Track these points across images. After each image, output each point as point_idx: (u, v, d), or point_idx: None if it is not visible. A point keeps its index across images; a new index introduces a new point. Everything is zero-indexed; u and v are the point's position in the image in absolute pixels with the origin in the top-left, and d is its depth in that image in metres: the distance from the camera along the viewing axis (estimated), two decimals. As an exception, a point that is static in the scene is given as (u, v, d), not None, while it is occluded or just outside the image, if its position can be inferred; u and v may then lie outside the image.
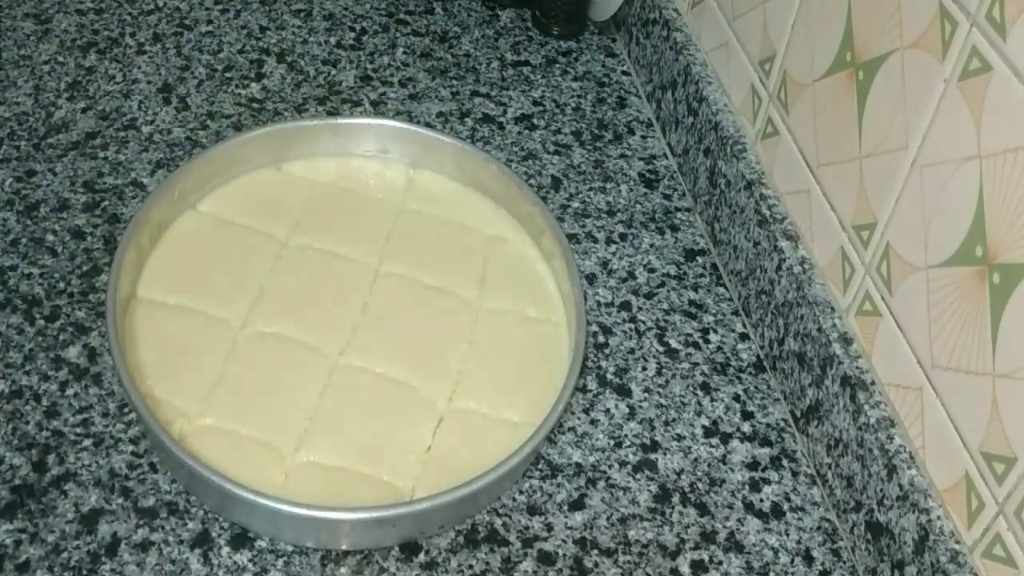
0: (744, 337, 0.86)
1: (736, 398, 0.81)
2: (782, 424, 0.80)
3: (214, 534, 0.68)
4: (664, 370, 0.82)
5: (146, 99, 0.96)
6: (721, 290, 0.89)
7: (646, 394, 0.80)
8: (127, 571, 0.65)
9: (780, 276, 0.81)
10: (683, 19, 1.02)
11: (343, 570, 0.67)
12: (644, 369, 0.82)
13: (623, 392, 0.80)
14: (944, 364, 0.65)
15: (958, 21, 0.62)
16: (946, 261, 0.64)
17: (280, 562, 0.67)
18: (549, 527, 0.71)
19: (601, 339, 0.83)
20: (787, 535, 0.73)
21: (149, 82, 0.98)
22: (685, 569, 0.70)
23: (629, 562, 0.70)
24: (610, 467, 0.75)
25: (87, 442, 0.71)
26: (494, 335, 0.80)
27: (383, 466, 0.71)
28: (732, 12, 0.92)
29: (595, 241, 0.91)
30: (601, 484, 0.74)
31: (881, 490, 0.69)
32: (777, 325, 0.82)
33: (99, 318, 0.77)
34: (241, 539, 0.68)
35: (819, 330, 0.76)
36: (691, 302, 0.88)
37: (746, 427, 0.79)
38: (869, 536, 0.70)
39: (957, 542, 0.64)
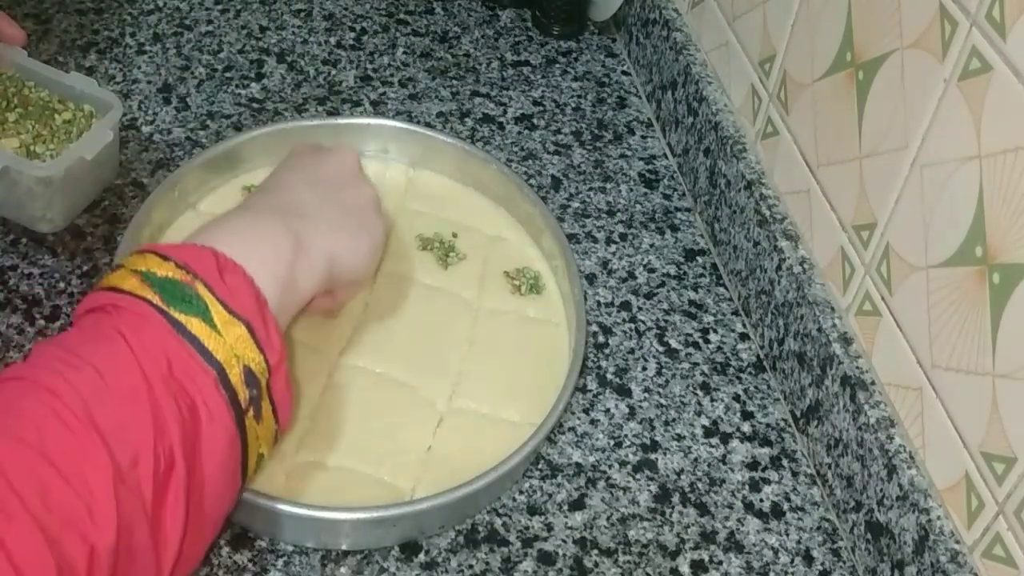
0: (744, 337, 0.86)
1: (736, 398, 0.81)
2: (782, 424, 0.80)
3: (214, 534, 0.68)
4: (664, 370, 0.82)
5: (146, 99, 0.96)
6: (721, 290, 0.89)
7: (646, 394, 0.80)
8: (127, 571, 0.65)
9: (780, 276, 0.81)
10: (683, 19, 1.02)
11: (343, 570, 0.67)
12: (644, 369, 0.82)
13: (623, 392, 0.80)
14: (944, 364, 0.65)
15: (958, 21, 0.62)
16: (946, 261, 0.64)
17: (280, 562, 0.67)
18: (549, 527, 0.71)
19: (601, 339, 0.83)
20: (787, 535, 0.73)
21: (149, 82, 0.98)
22: (685, 569, 0.70)
23: (629, 562, 0.70)
24: (610, 467, 0.75)
25: (87, 442, 0.71)
26: (494, 335, 0.80)
27: (383, 466, 0.71)
28: (732, 12, 0.92)
29: (595, 241, 0.91)
30: (601, 484, 0.74)
31: (881, 490, 0.69)
32: (777, 325, 0.82)
33: (99, 318, 0.77)
34: (241, 539, 0.68)
35: (819, 330, 0.76)
36: (691, 302, 0.88)
37: (746, 427, 0.79)
38: (869, 536, 0.70)
39: (957, 542, 0.64)
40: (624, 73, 1.10)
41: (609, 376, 0.81)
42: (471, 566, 0.68)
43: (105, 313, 0.55)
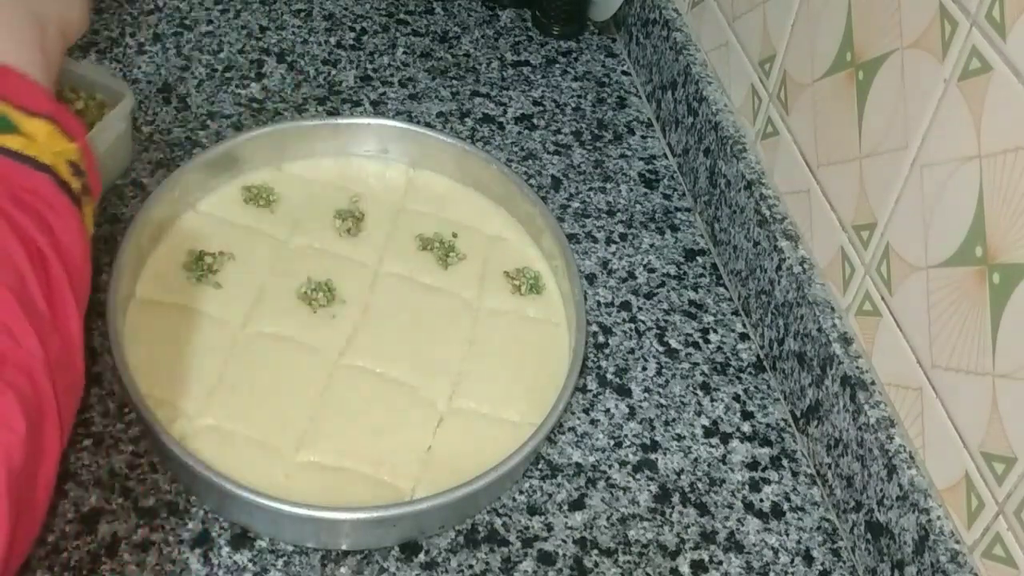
0: (744, 337, 0.86)
1: (736, 398, 0.81)
2: (782, 424, 0.80)
3: (214, 534, 0.68)
4: (664, 370, 0.82)
5: (146, 99, 0.96)
6: (721, 290, 0.89)
7: (646, 394, 0.80)
8: (127, 571, 0.65)
9: (780, 276, 0.81)
10: (683, 19, 1.02)
11: (343, 570, 0.67)
12: (644, 369, 0.82)
13: (623, 392, 0.80)
14: (944, 364, 0.65)
15: (958, 21, 0.62)
16: (946, 261, 0.64)
17: (280, 562, 0.67)
18: (549, 527, 0.71)
19: (601, 339, 0.84)
20: (787, 535, 0.73)
21: (149, 82, 0.98)
22: (685, 569, 0.70)
23: (629, 562, 0.70)
24: (610, 467, 0.75)
25: (87, 442, 0.71)
26: (494, 335, 0.80)
27: (383, 466, 0.71)
28: (732, 12, 0.92)
29: (595, 241, 0.91)
30: (601, 484, 0.74)
31: (881, 490, 0.69)
32: (777, 325, 0.82)
33: (99, 318, 0.77)
34: (241, 539, 0.68)
35: (819, 330, 0.76)
36: (691, 302, 0.88)
37: (746, 427, 0.79)
38: (869, 536, 0.71)
39: (957, 542, 0.64)
40: (624, 73, 1.10)
41: (609, 376, 0.81)
42: (471, 566, 0.68)
43: None
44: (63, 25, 0.65)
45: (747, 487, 0.75)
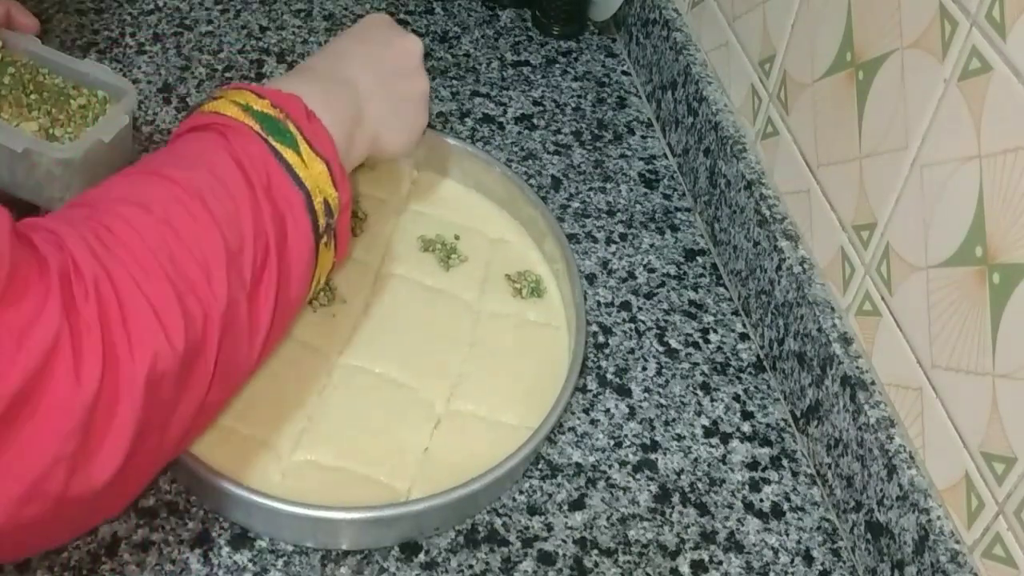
0: (744, 337, 0.86)
1: (736, 398, 0.81)
2: (782, 424, 0.80)
3: (214, 534, 0.68)
4: (664, 370, 0.82)
5: (146, 99, 0.96)
6: (721, 290, 0.89)
7: (646, 394, 0.80)
8: (127, 571, 0.65)
9: (780, 276, 0.81)
10: (683, 19, 1.02)
11: (343, 570, 0.67)
12: (644, 369, 0.82)
13: (623, 392, 0.80)
14: (944, 364, 0.65)
15: (958, 21, 0.62)
16: (946, 261, 0.64)
17: (280, 562, 0.67)
18: (549, 527, 0.71)
19: (601, 339, 0.84)
20: (787, 535, 0.73)
21: (149, 82, 0.98)
22: (685, 569, 0.70)
23: (629, 562, 0.70)
24: (610, 467, 0.75)
25: (87, 442, 0.71)
26: (494, 338, 0.80)
27: (380, 466, 0.71)
28: (732, 12, 0.92)
29: (595, 241, 0.91)
30: (601, 484, 0.74)
31: (881, 490, 0.69)
32: (777, 325, 0.82)
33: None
34: (241, 539, 0.68)
35: (819, 330, 0.76)
36: (691, 302, 0.88)
37: (746, 427, 0.79)
38: (869, 536, 0.71)
39: (957, 542, 0.64)
40: (624, 73, 1.10)
41: (609, 376, 0.81)
42: (471, 566, 0.68)
43: (212, 131, 0.61)
44: (378, 139, 0.71)
45: (747, 487, 0.75)
